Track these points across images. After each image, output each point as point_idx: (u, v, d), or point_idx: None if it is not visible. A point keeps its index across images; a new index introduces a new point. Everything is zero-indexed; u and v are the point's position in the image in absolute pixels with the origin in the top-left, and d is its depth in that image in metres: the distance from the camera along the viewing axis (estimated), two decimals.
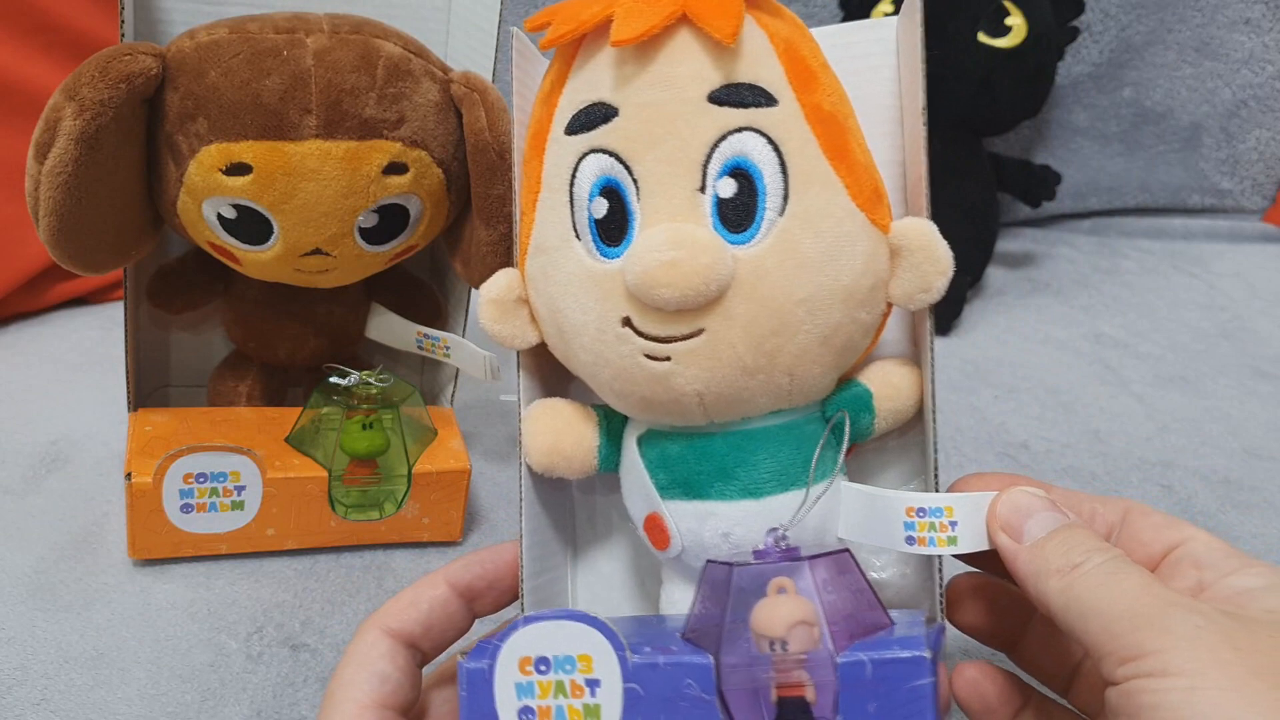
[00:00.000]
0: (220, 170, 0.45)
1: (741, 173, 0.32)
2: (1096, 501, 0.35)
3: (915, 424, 0.38)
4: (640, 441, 0.36)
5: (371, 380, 0.51)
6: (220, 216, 0.47)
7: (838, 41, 0.36)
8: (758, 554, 0.32)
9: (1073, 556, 0.30)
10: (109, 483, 0.56)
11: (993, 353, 0.82)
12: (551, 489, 0.40)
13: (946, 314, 0.86)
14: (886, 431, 0.37)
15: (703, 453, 0.34)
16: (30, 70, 0.72)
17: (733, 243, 0.32)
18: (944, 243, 0.33)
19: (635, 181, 0.32)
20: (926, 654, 0.29)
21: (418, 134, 0.48)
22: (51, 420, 0.62)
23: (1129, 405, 0.75)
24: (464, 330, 0.60)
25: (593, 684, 0.30)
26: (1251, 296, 0.97)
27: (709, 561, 0.32)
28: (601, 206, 0.33)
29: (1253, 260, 1.05)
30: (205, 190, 0.46)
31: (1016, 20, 0.84)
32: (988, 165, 0.92)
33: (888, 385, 0.36)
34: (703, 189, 0.32)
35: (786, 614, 0.30)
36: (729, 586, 0.31)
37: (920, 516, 0.33)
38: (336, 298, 0.56)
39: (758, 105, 0.32)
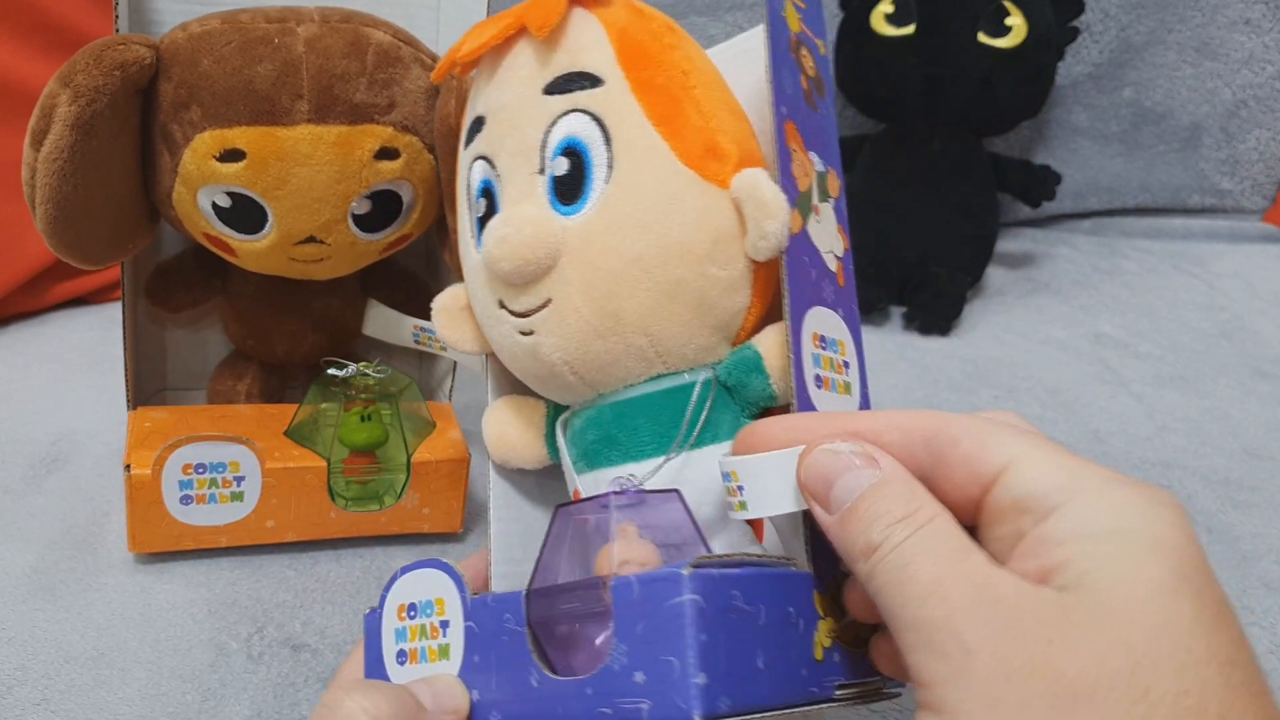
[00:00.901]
0: (214, 157, 0.45)
1: (573, 151, 0.34)
2: (903, 420, 0.29)
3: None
4: (562, 424, 0.38)
5: (369, 371, 0.52)
6: (215, 205, 0.47)
7: (737, 50, 0.39)
8: (598, 500, 0.33)
9: (872, 535, 0.26)
10: (109, 482, 0.56)
11: (993, 353, 0.82)
12: (519, 481, 0.42)
13: (946, 314, 0.86)
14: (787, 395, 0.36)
15: (593, 423, 0.37)
16: (30, 70, 0.72)
17: (565, 213, 0.34)
18: (771, 186, 0.33)
19: (499, 177, 0.36)
20: (685, 571, 0.27)
21: (408, 119, 0.48)
22: (51, 420, 0.62)
23: (1129, 405, 0.75)
24: None
25: (444, 625, 0.32)
26: (1251, 296, 0.97)
27: (559, 506, 0.34)
28: (481, 206, 0.37)
29: (1253, 260, 1.05)
30: (200, 178, 0.46)
31: (1016, 20, 0.84)
32: (988, 165, 0.92)
33: (774, 345, 0.35)
34: (542, 171, 0.35)
35: (617, 554, 0.31)
36: (583, 526, 0.33)
37: (725, 481, 0.32)
38: (333, 292, 0.56)
39: (582, 88, 0.35)
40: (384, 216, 0.50)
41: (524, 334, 0.35)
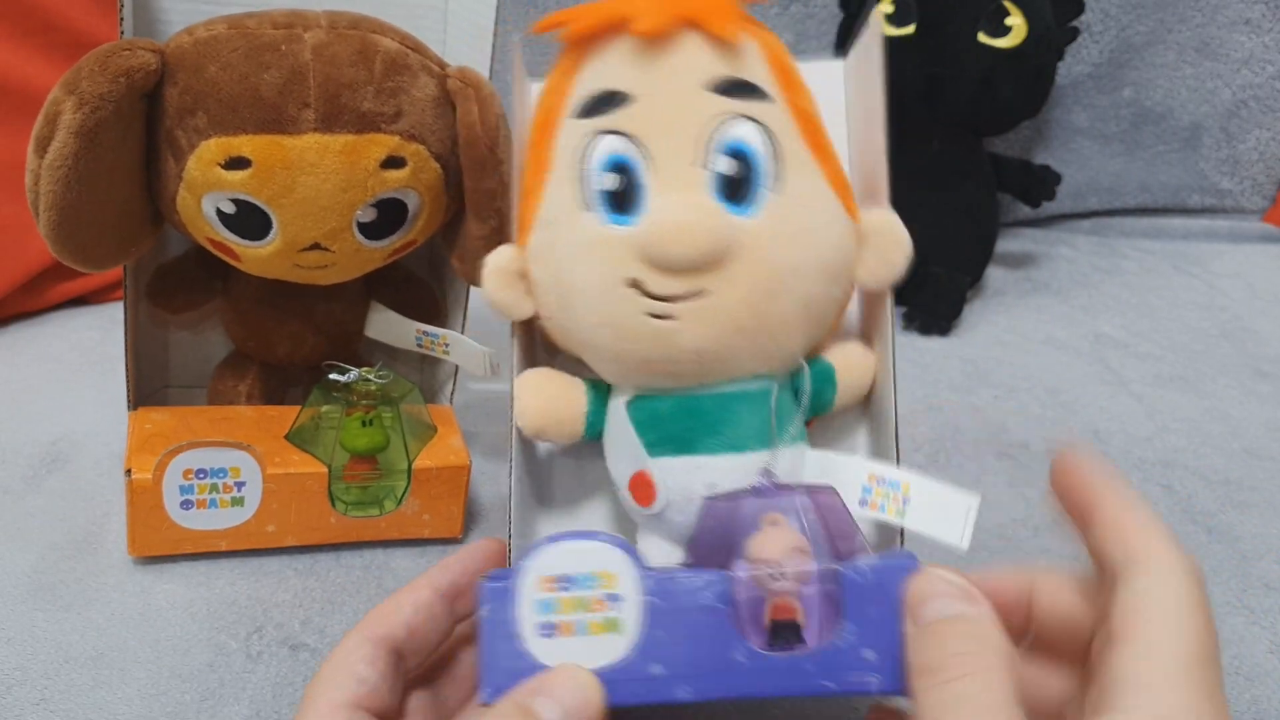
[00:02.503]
0: (219, 165, 0.45)
1: (740, 155, 0.36)
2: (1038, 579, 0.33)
3: (861, 405, 0.42)
4: (628, 405, 0.39)
5: (371, 377, 0.51)
6: (219, 211, 0.47)
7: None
8: (755, 490, 0.35)
9: (934, 658, 0.29)
10: (109, 482, 0.56)
11: (993, 353, 0.82)
12: (534, 456, 0.42)
13: (946, 314, 0.86)
14: (842, 407, 0.41)
15: (693, 411, 0.37)
16: (30, 70, 0.72)
17: (734, 212, 0.35)
18: (905, 229, 0.38)
19: (648, 158, 0.36)
20: (916, 560, 0.32)
21: (415, 128, 0.48)
22: (51, 420, 0.62)
23: (1129, 405, 0.75)
24: (463, 327, 0.60)
25: (613, 598, 0.32)
26: (1251, 296, 0.97)
27: (707, 499, 0.35)
28: (612, 180, 0.36)
29: (1253, 260, 1.05)
30: (204, 185, 0.46)
31: (1016, 20, 0.84)
32: (988, 165, 0.92)
33: (848, 364, 0.40)
34: (705, 165, 0.35)
35: (783, 542, 0.33)
36: (736, 515, 0.34)
37: (880, 485, 0.37)
38: (336, 295, 0.56)
39: (753, 97, 0.36)
40: (389, 224, 0.50)
41: (659, 317, 0.35)
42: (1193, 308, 0.94)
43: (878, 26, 0.40)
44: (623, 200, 0.36)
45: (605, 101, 0.36)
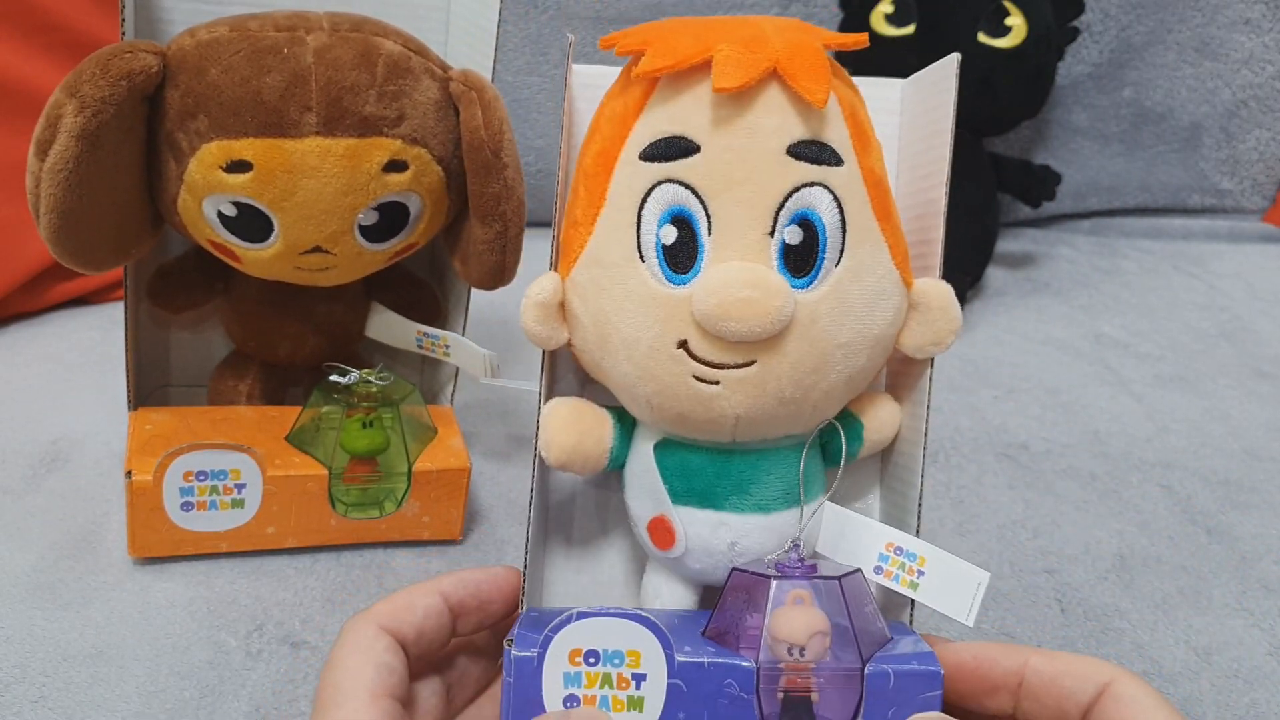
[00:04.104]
0: (221, 168, 0.45)
1: (807, 223, 0.34)
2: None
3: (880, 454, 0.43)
4: (656, 448, 0.38)
5: (371, 379, 0.51)
6: (221, 214, 0.47)
7: None
8: (781, 567, 0.35)
9: None
10: (109, 482, 0.56)
11: (993, 353, 0.83)
12: (546, 479, 0.42)
13: None
14: (862, 458, 0.41)
15: (723, 468, 0.37)
16: (30, 70, 0.72)
17: (793, 286, 0.34)
18: (958, 304, 0.37)
19: (709, 216, 0.34)
20: (940, 669, 0.33)
21: (417, 131, 0.48)
22: (51, 420, 0.62)
23: (1129, 405, 0.75)
24: (464, 329, 0.60)
25: (639, 678, 0.32)
26: (1251, 296, 0.97)
27: (735, 569, 0.35)
28: (671, 234, 0.35)
29: (1253, 260, 1.05)
30: (206, 188, 0.46)
31: (1016, 20, 0.84)
32: (988, 165, 0.92)
33: (876, 419, 0.40)
34: (772, 233, 0.34)
35: (808, 623, 0.33)
36: (767, 595, 0.33)
37: (897, 554, 0.37)
38: (336, 296, 0.56)
39: (829, 163, 0.35)
40: (391, 227, 0.50)
41: (704, 381, 0.34)
42: (1193, 308, 0.94)
43: (951, 69, 0.38)
44: (679, 256, 0.35)
45: (673, 147, 0.35)
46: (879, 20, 0.87)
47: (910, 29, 0.85)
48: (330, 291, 0.54)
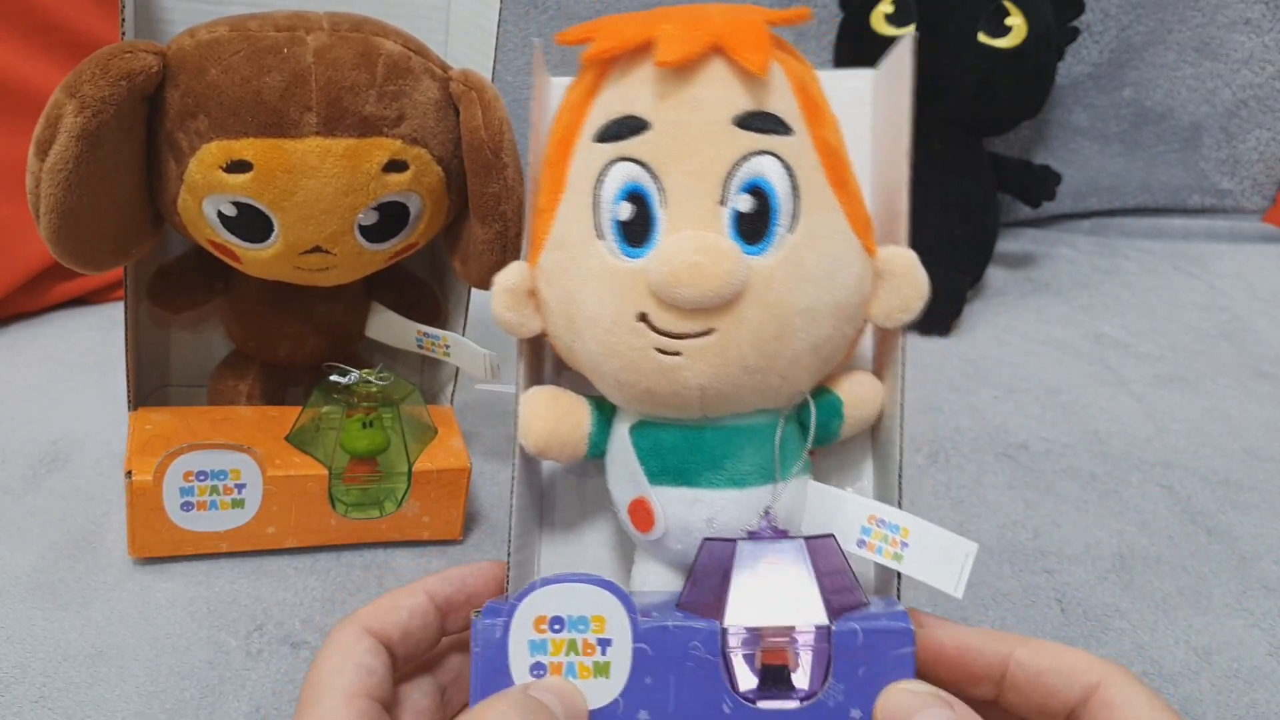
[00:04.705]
0: (221, 168, 0.45)
1: (758, 191, 0.35)
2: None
3: (869, 434, 0.42)
4: (632, 430, 0.38)
5: (371, 379, 0.51)
6: (221, 214, 0.47)
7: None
8: (752, 534, 0.35)
9: None
10: (109, 482, 0.56)
11: (993, 353, 0.83)
12: (535, 471, 0.42)
13: (946, 314, 0.86)
14: (848, 437, 0.40)
15: (695, 444, 0.37)
16: (30, 70, 0.72)
17: (747, 253, 0.34)
18: (923, 270, 0.37)
19: (662, 190, 0.35)
20: (911, 626, 0.32)
21: (417, 131, 0.48)
22: (51, 420, 0.62)
23: (1129, 405, 0.75)
24: (464, 329, 0.60)
25: (604, 643, 0.32)
26: (1251, 296, 0.97)
27: (706, 540, 0.35)
28: (626, 210, 0.35)
29: (1253, 260, 1.05)
30: (206, 188, 0.46)
31: (1016, 20, 0.84)
32: (988, 165, 0.92)
33: (856, 395, 0.39)
34: (723, 202, 0.35)
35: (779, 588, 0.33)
36: (733, 561, 0.33)
37: (879, 526, 0.37)
38: (336, 296, 0.56)
39: (776, 132, 0.35)
40: (391, 227, 0.50)
41: (665, 353, 0.35)
42: (1193, 308, 0.94)
43: (907, 48, 0.39)
44: (635, 231, 0.35)
45: (624, 127, 0.35)
46: (879, 20, 0.87)
47: (910, 29, 0.85)
48: (330, 291, 0.54)
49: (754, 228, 0.35)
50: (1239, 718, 0.46)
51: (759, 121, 0.35)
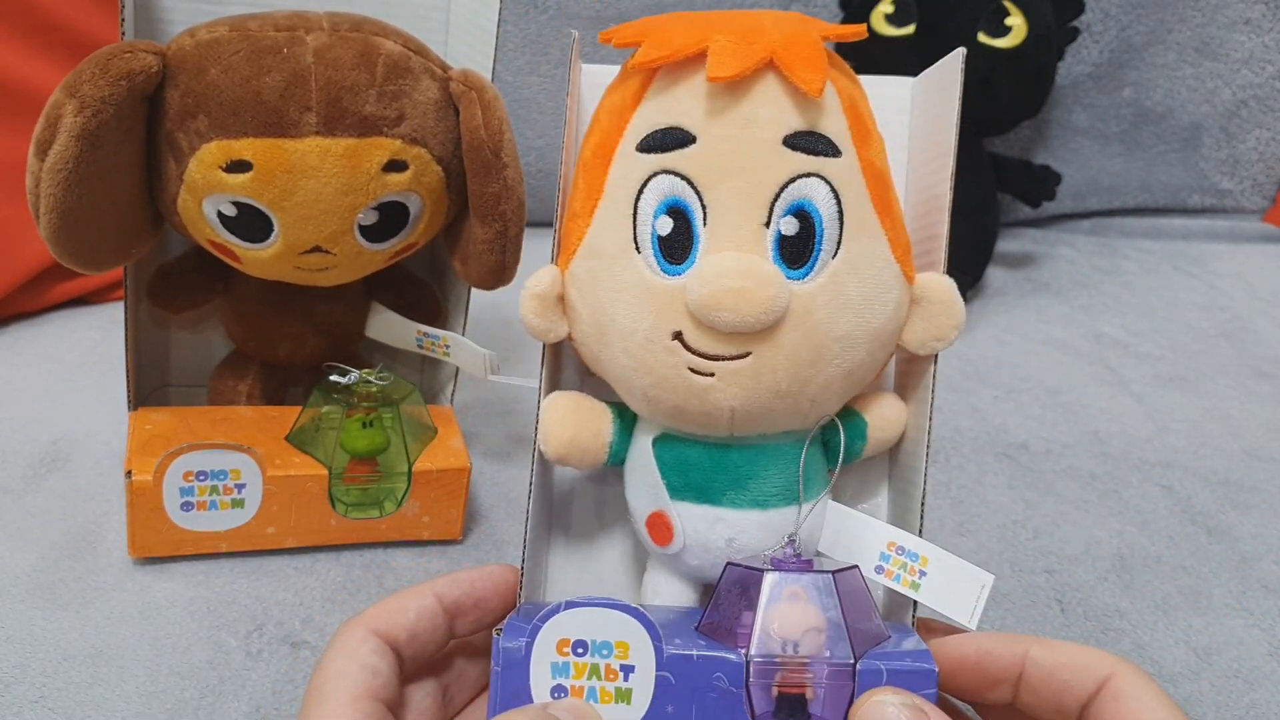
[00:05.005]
0: (220, 168, 0.45)
1: (803, 214, 0.34)
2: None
3: (888, 454, 0.42)
4: (655, 443, 0.38)
5: (371, 378, 0.51)
6: (220, 214, 0.47)
7: None
8: (776, 562, 0.34)
9: None
10: (109, 482, 0.56)
11: (993, 353, 0.83)
12: (548, 475, 0.41)
13: None
14: (869, 457, 0.40)
15: (720, 463, 0.37)
16: (30, 70, 0.72)
17: (788, 277, 0.34)
18: (961, 300, 0.37)
19: (704, 207, 0.34)
20: (934, 667, 0.32)
21: (417, 131, 0.48)
22: (51, 420, 0.62)
23: (1129, 405, 0.75)
24: (464, 328, 0.60)
25: (627, 669, 0.32)
26: (1251, 296, 0.97)
27: (730, 564, 0.35)
28: (666, 225, 0.35)
29: (1253, 260, 1.05)
30: (205, 188, 0.46)
31: (1016, 20, 0.84)
32: (988, 165, 0.92)
33: (880, 418, 0.39)
34: (767, 224, 0.34)
35: (802, 619, 0.32)
36: (759, 589, 0.33)
37: (898, 554, 0.37)
38: (336, 296, 0.56)
39: (825, 154, 0.34)
40: (391, 227, 0.50)
41: (699, 373, 0.34)
42: (1193, 308, 0.94)
43: (957, 61, 0.37)
44: (674, 247, 0.34)
45: (669, 138, 0.35)
46: (879, 20, 0.87)
47: (910, 29, 0.85)
48: (330, 291, 0.54)
49: (797, 251, 0.34)
50: (1239, 718, 0.46)
51: (809, 142, 0.34)
